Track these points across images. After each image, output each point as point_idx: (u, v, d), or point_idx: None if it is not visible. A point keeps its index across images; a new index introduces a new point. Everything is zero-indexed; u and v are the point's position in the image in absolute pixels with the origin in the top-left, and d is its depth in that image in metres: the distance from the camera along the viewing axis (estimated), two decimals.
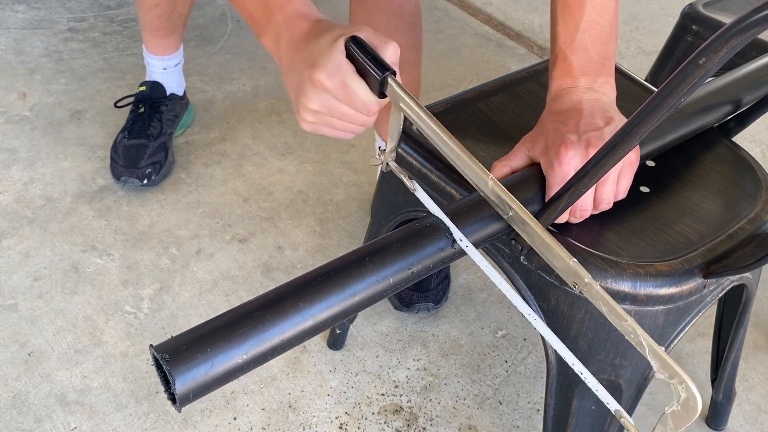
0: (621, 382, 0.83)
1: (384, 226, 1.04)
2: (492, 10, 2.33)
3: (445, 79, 1.98)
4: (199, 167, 1.62)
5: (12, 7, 2.12)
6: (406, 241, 0.65)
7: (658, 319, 0.79)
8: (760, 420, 1.21)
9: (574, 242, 0.78)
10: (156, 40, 1.58)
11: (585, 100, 0.81)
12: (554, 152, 0.74)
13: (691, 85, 0.53)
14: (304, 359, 1.25)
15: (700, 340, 1.33)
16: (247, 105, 1.82)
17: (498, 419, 1.19)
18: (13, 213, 1.48)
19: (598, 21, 0.83)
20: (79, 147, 1.65)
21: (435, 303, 1.33)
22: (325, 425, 1.16)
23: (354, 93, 0.69)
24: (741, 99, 0.92)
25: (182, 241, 1.45)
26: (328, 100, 0.69)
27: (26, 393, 1.17)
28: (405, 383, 1.23)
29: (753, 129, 1.80)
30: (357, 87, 0.68)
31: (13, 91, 1.80)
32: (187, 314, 1.31)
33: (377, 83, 0.68)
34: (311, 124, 0.72)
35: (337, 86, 0.68)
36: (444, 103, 0.99)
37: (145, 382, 1.20)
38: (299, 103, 0.71)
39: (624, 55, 2.16)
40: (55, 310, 1.30)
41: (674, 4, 2.26)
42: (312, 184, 1.60)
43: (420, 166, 0.91)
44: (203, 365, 0.54)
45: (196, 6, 2.16)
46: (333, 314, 0.60)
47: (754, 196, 0.87)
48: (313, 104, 0.70)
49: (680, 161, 0.92)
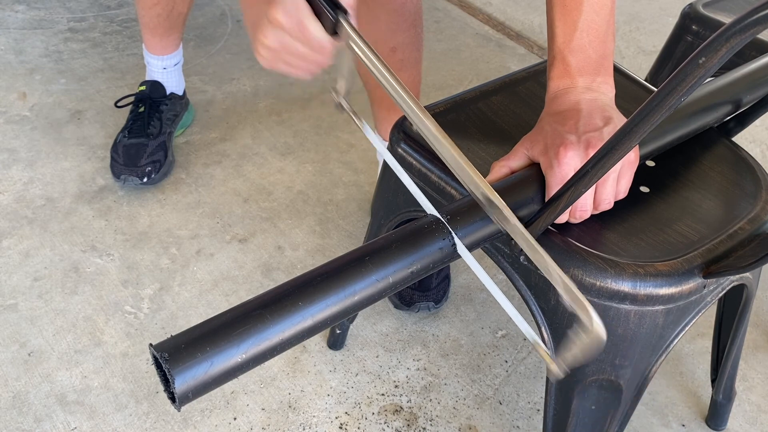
0: (621, 382, 0.83)
1: (384, 226, 1.04)
2: (492, 10, 2.34)
3: (445, 79, 1.98)
4: (199, 167, 1.62)
5: (12, 7, 2.12)
6: (406, 241, 0.65)
7: (658, 319, 0.79)
8: (760, 420, 1.21)
9: (574, 242, 0.78)
10: (155, 39, 1.58)
11: (583, 100, 0.81)
12: (553, 152, 0.74)
13: (690, 85, 0.53)
14: (304, 359, 1.25)
15: (700, 340, 1.33)
16: (247, 105, 1.82)
17: (498, 419, 1.19)
18: (13, 213, 1.48)
19: (595, 20, 0.83)
20: (79, 147, 1.65)
21: (435, 302, 1.33)
22: (325, 425, 1.16)
23: (309, 32, 0.70)
24: (741, 99, 0.92)
25: (182, 241, 1.45)
26: (283, 38, 0.71)
27: (26, 393, 1.17)
28: (405, 383, 1.23)
29: (753, 129, 1.80)
30: (311, 26, 0.70)
31: (13, 91, 1.80)
32: (187, 314, 1.31)
33: (330, 22, 0.70)
34: (267, 60, 0.74)
35: (293, 25, 0.70)
36: (444, 103, 0.99)
37: (145, 382, 1.20)
38: (256, 38, 0.73)
39: (624, 55, 2.16)
40: (55, 310, 1.30)
41: (674, 4, 2.26)
42: (312, 184, 1.60)
43: (420, 166, 0.91)
44: (203, 364, 0.54)
45: (196, 6, 2.16)
46: (333, 313, 0.60)
47: (754, 196, 0.87)
48: (269, 40, 0.72)
49: (680, 161, 0.92)
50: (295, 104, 1.83)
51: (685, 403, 1.23)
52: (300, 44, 0.72)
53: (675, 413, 1.21)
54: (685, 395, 1.24)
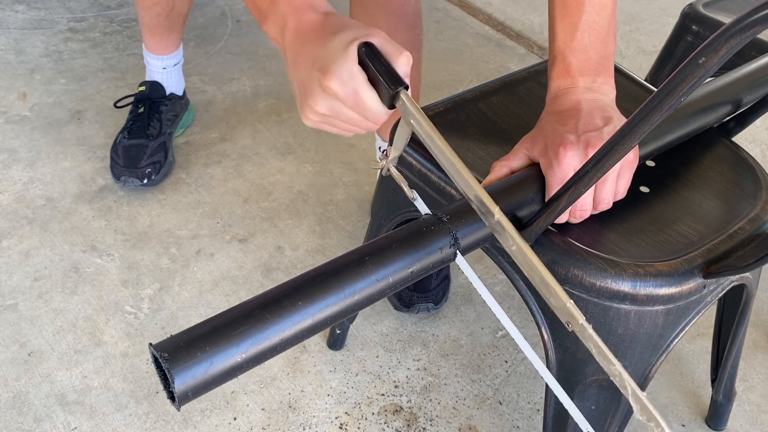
0: None
1: (384, 226, 1.04)
2: (492, 10, 2.34)
3: (445, 79, 1.98)
4: (199, 167, 1.62)
5: (12, 7, 2.12)
6: (406, 241, 0.65)
7: (658, 319, 0.79)
8: (760, 420, 1.21)
9: (574, 242, 0.78)
10: (155, 39, 1.58)
11: (584, 100, 0.81)
12: (553, 152, 0.74)
13: (690, 85, 0.53)
14: (304, 359, 1.25)
15: (700, 340, 1.33)
16: (247, 105, 1.82)
17: (498, 419, 1.19)
18: (13, 213, 1.48)
19: (596, 21, 0.83)
20: (79, 147, 1.65)
21: (435, 303, 1.33)
22: (325, 425, 1.16)
23: (364, 103, 0.68)
24: (741, 99, 0.92)
25: (182, 241, 1.45)
26: (336, 106, 0.68)
27: (26, 393, 1.17)
28: (405, 383, 1.23)
29: (753, 129, 1.80)
30: (368, 97, 0.67)
31: (13, 91, 1.80)
32: (187, 314, 1.31)
33: (388, 95, 0.67)
34: (315, 123, 0.72)
35: (348, 94, 0.67)
36: (444, 103, 0.99)
37: (145, 382, 1.20)
38: (306, 103, 0.70)
39: (624, 55, 2.16)
40: (55, 310, 1.30)
41: (674, 4, 2.26)
42: (312, 184, 1.60)
43: (420, 166, 0.91)
44: (202, 364, 0.54)
45: (196, 6, 2.16)
46: (332, 313, 0.60)
47: (754, 196, 0.87)
48: (321, 108, 0.69)
49: (680, 161, 0.92)
50: (295, 104, 1.83)
51: (685, 403, 1.23)
52: (353, 112, 0.69)
53: (675, 413, 1.21)
54: (685, 395, 1.24)
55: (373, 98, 0.68)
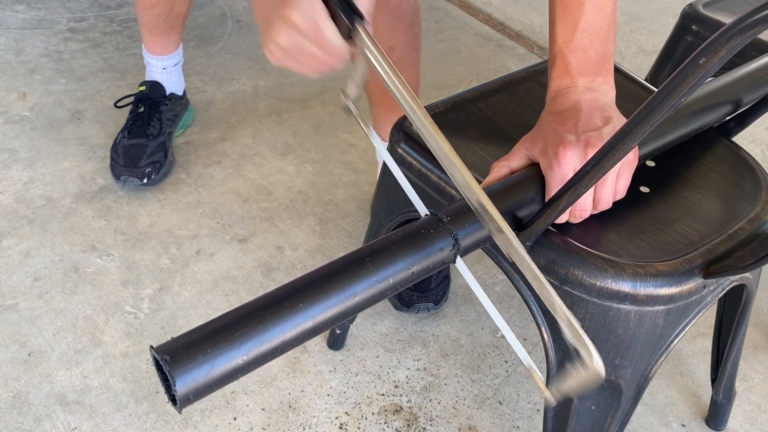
0: (621, 382, 0.83)
1: (384, 226, 1.04)
2: (492, 10, 2.33)
3: (445, 79, 1.98)
4: (199, 167, 1.62)
5: (12, 7, 2.12)
6: (407, 241, 0.65)
7: (658, 319, 0.79)
8: (760, 420, 1.21)
9: (574, 242, 0.78)
10: (155, 39, 1.58)
11: (583, 100, 0.81)
12: (553, 152, 0.74)
13: (691, 85, 0.53)
14: (304, 359, 1.25)
15: (700, 340, 1.33)
16: (247, 105, 1.82)
17: (498, 419, 1.19)
18: (13, 213, 1.48)
19: (596, 20, 0.83)
20: (79, 147, 1.65)
21: (435, 303, 1.33)
22: (325, 425, 1.16)
23: (323, 35, 0.70)
24: (741, 99, 0.92)
25: (182, 241, 1.45)
26: (297, 38, 0.70)
27: (26, 393, 1.17)
28: (405, 383, 1.23)
29: (753, 129, 1.80)
30: (327, 30, 0.70)
31: (13, 91, 1.80)
32: (187, 314, 1.31)
33: (347, 28, 0.69)
34: (277, 58, 0.74)
35: (308, 26, 0.69)
36: (444, 104, 0.99)
37: (145, 382, 1.20)
38: (268, 36, 0.72)
39: (624, 55, 2.16)
40: (55, 310, 1.30)
41: (674, 4, 2.26)
42: (312, 184, 1.60)
43: (420, 166, 0.91)
44: (204, 366, 0.54)
45: (196, 6, 2.16)
46: (333, 315, 0.60)
47: (754, 196, 0.87)
48: (282, 40, 0.71)
49: (680, 161, 0.92)
50: (295, 104, 1.83)
51: (685, 403, 1.23)
52: (313, 46, 0.71)
53: (675, 413, 1.21)
54: (685, 395, 1.24)
55: (332, 30, 0.70)
